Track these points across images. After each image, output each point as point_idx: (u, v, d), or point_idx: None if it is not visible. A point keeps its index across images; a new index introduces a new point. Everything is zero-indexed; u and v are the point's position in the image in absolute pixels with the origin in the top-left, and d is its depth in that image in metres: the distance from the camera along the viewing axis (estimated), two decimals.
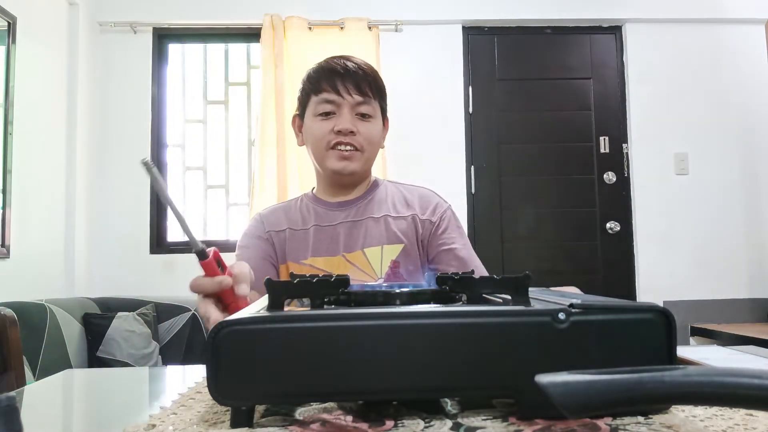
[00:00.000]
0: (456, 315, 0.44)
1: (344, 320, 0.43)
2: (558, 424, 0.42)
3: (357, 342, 0.43)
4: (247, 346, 0.43)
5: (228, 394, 0.43)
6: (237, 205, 3.28)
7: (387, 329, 0.43)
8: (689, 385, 0.30)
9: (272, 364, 0.43)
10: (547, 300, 0.48)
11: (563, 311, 0.43)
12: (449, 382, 0.44)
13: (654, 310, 0.44)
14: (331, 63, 1.14)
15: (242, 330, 0.43)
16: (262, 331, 0.43)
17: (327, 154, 1.13)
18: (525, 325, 0.44)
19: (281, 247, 1.15)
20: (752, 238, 3.23)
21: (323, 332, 0.43)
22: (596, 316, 0.44)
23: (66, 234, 2.85)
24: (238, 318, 0.44)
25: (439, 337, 0.43)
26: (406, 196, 1.20)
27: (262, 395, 0.44)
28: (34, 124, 2.64)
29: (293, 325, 0.43)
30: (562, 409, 0.30)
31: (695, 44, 3.30)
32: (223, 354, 0.42)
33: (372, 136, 1.14)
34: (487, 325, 0.44)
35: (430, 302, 0.53)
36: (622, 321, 0.44)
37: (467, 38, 3.30)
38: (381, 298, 0.53)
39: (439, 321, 0.44)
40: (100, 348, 2.44)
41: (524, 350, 0.43)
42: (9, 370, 1.17)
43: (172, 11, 3.19)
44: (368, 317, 0.44)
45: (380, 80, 1.17)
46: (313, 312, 0.45)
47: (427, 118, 3.09)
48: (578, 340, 0.43)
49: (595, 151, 3.28)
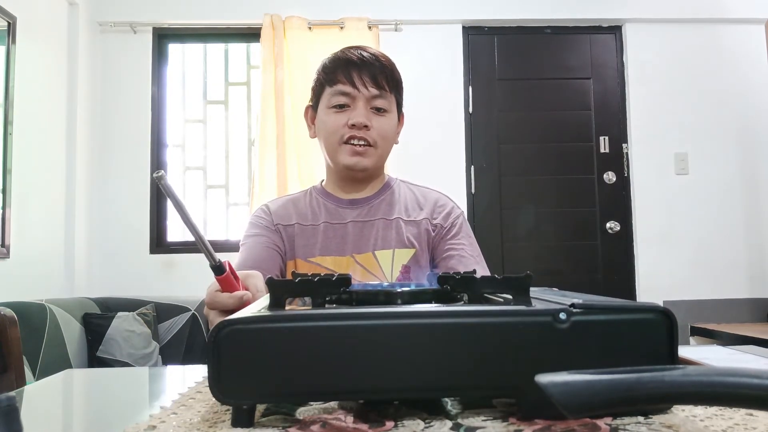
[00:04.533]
0: (457, 315, 0.44)
1: (345, 320, 0.43)
2: (558, 424, 0.42)
3: (358, 341, 0.43)
4: (248, 346, 0.43)
5: (229, 393, 0.43)
6: (237, 205, 3.28)
7: (388, 329, 0.43)
8: (689, 385, 0.30)
9: (273, 363, 0.43)
10: (549, 300, 0.48)
11: (564, 311, 0.43)
12: (450, 381, 0.44)
13: (656, 311, 0.44)
14: (347, 53, 1.10)
15: (243, 329, 0.43)
16: (263, 331, 0.43)
17: (340, 148, 1.09)
18: (526, 325, 0.44)
19: (290, 241, 1.11)
20: (752, 238, 3.23)
21: (324, 331, 0.43)
22: (597, 316, 0.44)
23: (66, 234, 2.85)
24: (239, 317, 0.44)
25: (440, 337, 0.43)
26: (419, 199, 1.17)
27: (263, 394, 0.44)
28: (34, 124, 2.64)
29: (294, 325, 0.43)
30: (562, 409, 0.30)
31: (695, 44, 3.30)
32: (224, 353, 0.43)
33: (386, 131, 1.10)
34: (488, 324, 0.44)
35: (432, 302, 0.53)
36: (623, 321, 0.44)
37: (467, 38, 3.30)
38: (382, 297, 0.53)
39: (440, 321, 0.44)
40: (100, 348, 2.44)
41: (525, 350, 0.43)
42: (9, 370, 1.17)
43: (172, 11, 3.19)
44: (369, 317, 0.44)
45: (397, 72, 1.12)
46: (314, 311, 0.45)
47: (427, 118, 3.09)
48: (579, 340, 0.43)
49: (595, 151, 3.28)
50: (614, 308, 0.44)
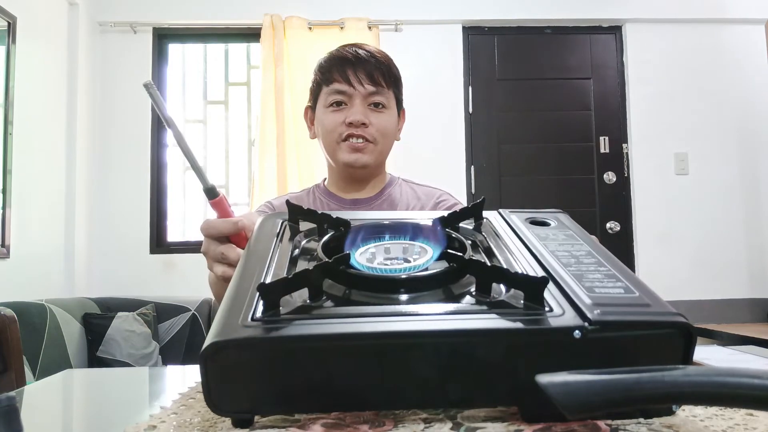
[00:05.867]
0: (464, 334, 0.42)
1: (342, 340, 0.41)
2: (558, 424, 0.42)
3: (356, 358, 0.41)
4: (241, 361, 0.41)
5: (224, 407, 0.41)
6: (237, 205, 3.28)
7: (389, 345, 0.42)
8: (689, 385, 0.30)
9: (268, 377, 0.41)
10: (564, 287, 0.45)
11: (579, 329, 0.40)
12: (453, 396, 0.42)
13: (677, 326, 0.41)
14: (342, 51, 1.09)
15: (235, 344, 0.41)
16: (256, 345, 0.41)
17: (338, 146, 1.08)
18: (537, 345, 0.42)
19: None
20: (752, 238, 3.23)
21: (320, 348, 0.41)
22: (614, 333, 0.41)
23: (66, 234, 2.85)
24: (230, 339, 0.41)
25: (444, 354, 0.42)
26: (421, 197, 1.16)
27: (257, 407, 0.43)
28: (34, 124, 2.64)
29: (287, 343, 0.41)
30: (562, 409, 0.30)
31: (695, 44, 3.30)
32: (216, 369, 0.41)
33: (385, 127, 1.09)
34: (497, 343, 0.41)
35: (437, 288, 0.48)
36: (641, 336, 0.41)
37: (467, 38, 3.30)
38: (382, 284, 0.48)
39: (446, 340, 0.42)
40: (100, 348, 2.44)
41: (534, 366, 0.40)
42: (9, 370, 1.17)
43: (172, 11, 3.19)
44: (367, 337, 0.41)
45: (395, 68, 1.11)
46: (308, 329, 0.42)
47: (427, 118, 3.09)
48: (593, 356, 0.41)
49: (595, 151, 3.28)
50: (633, 324, 0.41)
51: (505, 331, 0.42)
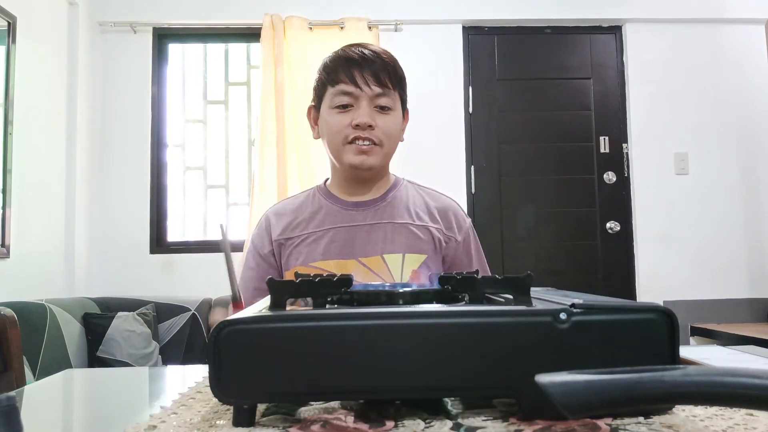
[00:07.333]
0: (457, 315, 0.44)
1: (345, 320, 0.43)
2: (558, 424, 0.42)
3: (358, 341, 0.43)
4: (249, 346, 0.43)
5: (230, 393, 0.43)
6: (237, 205, 3.28)
7: (388, 329, 0.43)
8: (689, 385, 0.30)
9: (274, 363, 0.43)
10: (550, 300, 0.48)
11: (564, 311, 0.43)
12: (450, 381, 0.44)
13: (657, 311, 0.44)
14: (348, 51, 1.07)
15: (244, 329, 0.43)
16: (264, 331, 0.43)
17: (344, 148, 1.07)
18: (526, 325, 0.44)
19: (287, 251, 1.10)
20: (752, 238, 3.23)
21: (324, 332, 0.43)
22: (598, 317, 0.44)
23: (66, 234, 2.85)
24: (239, 318, 0.44)
25: (441, 337, 0.43)
26: (428, 202, 1.15)
27: (264, 394, 0.44)
28: (34, 124, 2.64)
29: (294, 325, 0.43)
30: (562, 409, 0.30)
31: (695, 44, 3.30)
32: (225, 353, 0.42)
33: (391, 129, 1.08)
34: (488, 325, 0.44)
35: (433, 302, 0.53)
36: (624, 321, 0.44)
37: (467, 38, 3.30)
38: (384, 297, 0.53)
39: (441, 321, 0.44)
40: (100, 348, 2.45)
41: (526, 350, 0.43)
42: (9, 370, 1.17)
43: (172, 11, 3.19)
44: (369, 317, 0.44)
45: (400, 69, 1.10)
46: (314, 312, 0.45)
47: (427, 118, 3.09)
48: (580, 340, 0.43)
49: (595, 151, 3.28)
50: (615, 308, 0.44)
51: (496, 312, 0.45)
